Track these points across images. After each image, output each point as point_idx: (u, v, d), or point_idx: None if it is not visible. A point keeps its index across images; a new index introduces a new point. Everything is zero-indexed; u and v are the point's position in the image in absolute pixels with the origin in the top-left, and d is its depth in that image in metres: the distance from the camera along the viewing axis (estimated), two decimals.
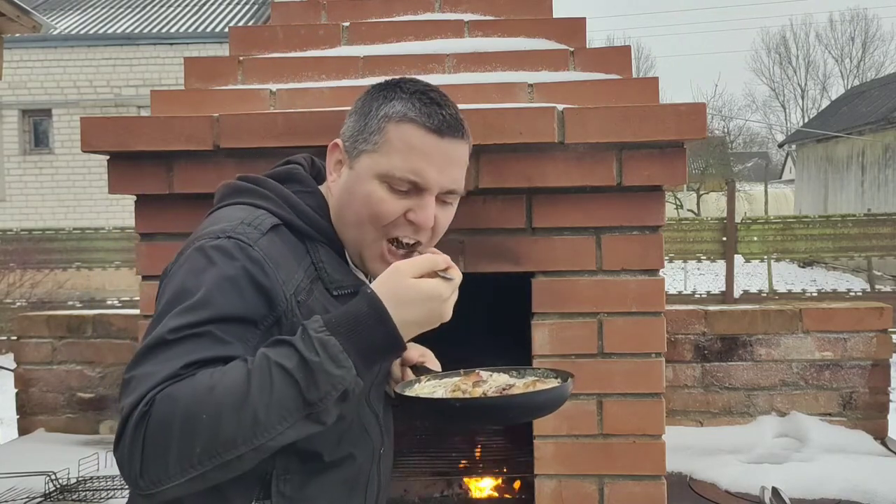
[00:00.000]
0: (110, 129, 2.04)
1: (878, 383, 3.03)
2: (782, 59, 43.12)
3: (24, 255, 10.66)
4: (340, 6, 2.57)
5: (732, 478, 2.58)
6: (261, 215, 1.23)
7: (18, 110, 15.44)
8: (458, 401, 1.22)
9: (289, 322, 1.17)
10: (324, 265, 1.25)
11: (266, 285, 1.15)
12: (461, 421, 1.29)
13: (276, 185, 1.29)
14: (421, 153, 1.23)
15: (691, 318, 3.05)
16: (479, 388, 1.26)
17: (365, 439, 1.32)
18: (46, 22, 6.65)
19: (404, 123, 1.23)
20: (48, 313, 3.55)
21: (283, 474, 1.23)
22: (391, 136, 1.23)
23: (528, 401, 1.21)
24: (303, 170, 1.35)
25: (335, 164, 1.30)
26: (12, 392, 3.42)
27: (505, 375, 1.34)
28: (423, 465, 2.69)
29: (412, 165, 1.22)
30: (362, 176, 1.25)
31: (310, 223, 1.26)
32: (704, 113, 1.99)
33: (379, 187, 1.24)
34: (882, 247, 11.63)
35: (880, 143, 18.13)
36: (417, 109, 1.23)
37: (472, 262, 2.09)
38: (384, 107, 1.25)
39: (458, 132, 1.26)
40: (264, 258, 1.16)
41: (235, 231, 1.18)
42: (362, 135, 1.26)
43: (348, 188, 1.27)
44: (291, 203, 1.27)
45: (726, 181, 15.00)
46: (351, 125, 1.29)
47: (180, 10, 16.80)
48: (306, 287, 1.21)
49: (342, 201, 1.28)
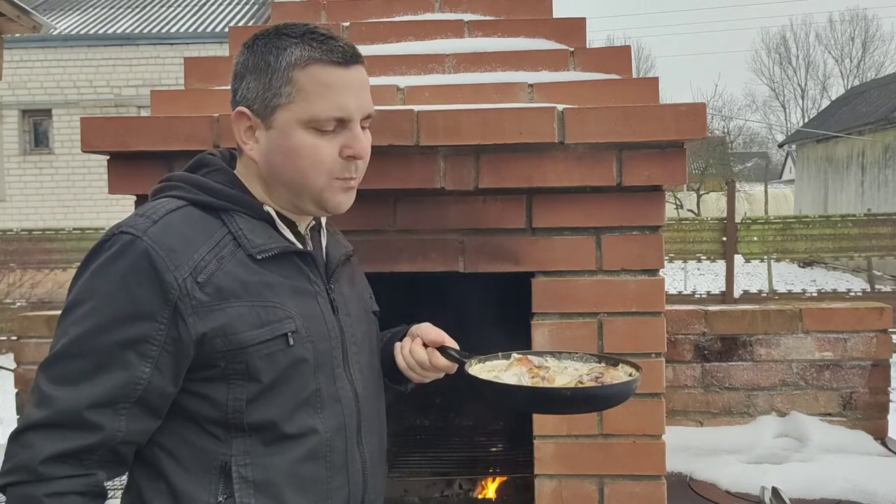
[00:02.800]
0: (110, 129, 2.04)
1: (878, 383, 3.03)
2: (782, 59, 43.12)
3: (24, 255, 10.65)
4: (340, 6, 2.57)
5: (732, 478, 2.58)
6: (158, 204, 1.24)
7: (18, 110, 15.43)
8: (568, 390, 1.26)
9: (187, 305, 1.16)
10: (242, 232, 1.24)
11: (154, 276, 1.16)
12: (561, 408, 1.36)
13: (182, 174, 1.31)
14: (336, 88, 1.23)
15: (691, 318, 3.05)
16: (560, 377, 1.31)
17: (332, 410, 1.28)
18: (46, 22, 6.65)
19: (311, 66, 1.23)
20: (48, 313, 3.54)
21: (242, 459, 1.21)
22: (302, 82, 1.22)
23: (626, 389, 1.28)
24: (215, 158, 1.34)
25: (246, 132, 1.27)
26: (12, 392, 3.42)
27: (551, 358, 1.39)
28: (423, 465, 2.69)
29: (333, 103, 1.23)
30: (286, 130, 1.24)
31: (218, 196, 1.26)
32: (704, 113, 1.99)
33: (307, 134, 1.23)
34: (882, 247, 11.62)
35: (880, 143, 18.13)
36: (317, 49, 1.23)
37: (472, 262, 2.09)
38: (283, 57, 1.23)
39: (358, 58, 1.27)
40: (151, 247, 1.16)
41: (127, 225, 1.20)
42: (269, 91, 1.24)
43: (274, 147, 1.25)
44: (198, 184, 1.27)
45: (726, 181, 14.99)
46: (251, 87, 1.25)
47: (180, 10, 16.79)
48: (211, 262, 1.19)
49: (272, 163, 1.26)
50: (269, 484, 1.22)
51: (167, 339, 1.16)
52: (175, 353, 1.17)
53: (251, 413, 1.20)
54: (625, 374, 1.32)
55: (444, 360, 1.38)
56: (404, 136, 1.98)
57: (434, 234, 2.11)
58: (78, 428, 1.14)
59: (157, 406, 1.19)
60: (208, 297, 1.17)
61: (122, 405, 1.16)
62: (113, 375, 1.15)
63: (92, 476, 1.16)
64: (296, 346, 1.23)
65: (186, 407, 1.22)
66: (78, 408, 1.13)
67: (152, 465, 1.23)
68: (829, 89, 41.56)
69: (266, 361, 1.20)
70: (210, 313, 1.18)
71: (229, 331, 1.18)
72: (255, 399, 1.21)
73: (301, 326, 1.24)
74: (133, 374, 1.15)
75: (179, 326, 1.16)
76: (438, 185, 2.04)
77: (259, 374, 1.20)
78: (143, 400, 1.17)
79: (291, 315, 1.24)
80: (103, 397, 1.14)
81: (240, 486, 1.20)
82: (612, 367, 1.35)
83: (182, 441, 1.22)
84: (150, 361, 1.16)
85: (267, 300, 1.22)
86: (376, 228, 2.10)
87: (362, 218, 1.52)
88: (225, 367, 1.19)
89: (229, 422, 1.21)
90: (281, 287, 1.25)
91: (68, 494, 1.14)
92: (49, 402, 1.14)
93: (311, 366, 1.25)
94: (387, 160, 1.96)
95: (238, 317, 1.19)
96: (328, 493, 1.27)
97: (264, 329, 1.20)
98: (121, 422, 1.16)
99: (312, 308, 1.28)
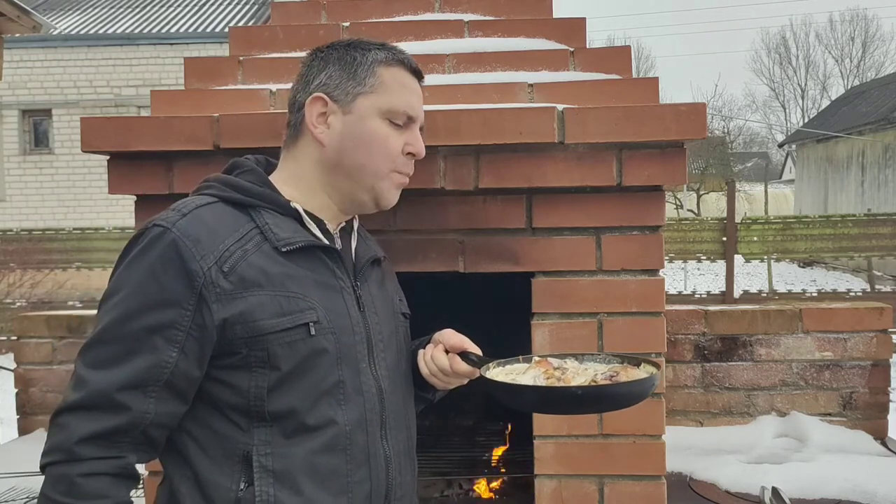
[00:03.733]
0: (110, 129, 2.04)
1: (878, 383, 3.03)
2: (782, 59, 43.12)
3: (24, 255, 10.65)
4: (340, 6, 2.57)
5: (732, 478, 2.58)
6: (191, 199, 1.32)
7: (18, 110, 15.43)
8: (580, 388, 1.26)
9: (212, 293, 1.22)
10: (269, 226, 1.29)
11: (181, 265, 1.22)
12: (573, 407, 1.34)
13: (217, 174, 1.39)
14: (410, 90, 1.39)
15: (691, 318, 3.05)
16: (578, 377, 1.31)
17: (354, 403, 1.30)
18: (46, 22, 6.66)
19: (393, 66, 1.38)
20: (48, 313, 3.55)
21: (263, 449, 1.24)
22: (385, 77, 1.36)
23: (638, 387, 1.26)
24: (248, 161, 1.42)
25: (318, 117, 1.36)
26: (12, 392, 3.43)
27: (572, 360, 1.39)
28: (423, 465, 2.68)
29: (407, 100, 1.38)
30: (364, 116, 1.35)
31: (247, 193, 1.32)
32: (704, 113, 1.99)
33: (382, 123, 1.35)
34: (882, 247, 11.62)
35: (880, 143, 18.13)
36: (397, 55, 1.39)
37: (472, 262, 2.09)
38: (368, 55, 1.37)
39: (423, 75, 1.44)
40: (180, 238, 1.23)
41: (159, 218, 1.28)
42: (354, 79, 1.35)
43: (349, 132, 1.35)
44: (229, 182, 1.35)
45: (726, 181, 14.99)
46: (334, 76, 1.36)
47: (180, 10, 16.79)
48: (236, 252, 1.25)
49: (343, 147, 1.35)
50: (288, 474, 1.24)
51: (193, 325, 1.21)
52: (200, 339, 1.22)
53: (272, 401, 1.24)
54: (645, 373, 1.31)
55: (466, 365, 1.39)
56: None
57: (434, 234, 2.11)
58: (109, 409, 1.19)
59: (184, 389, 1.24)
60: (232, 285, 1.23)
61: (150, 388, 1.21)
62: (142, 359, 1.20)
63: (122, 458, 1.22)
64: (317, 336, 1.26)
65: (211, 394, 1.26)
66: (109, 390, 1.19)
67: (180, 453, 1.28)
68: (829, 89, 41.60)
69: (286, 349, 1.24)
70: (232, 301, 1.22)
71: (249, 318, 1.22)
72: (276, 387, 1.24)
73: (323, 318, 1.27)
74: (161, 357, 1.21)
75: (204, 313, 1.21)
76: (438, 185, 2.04)
77: (279, 361, 1.24)
78: (171, 383, 1.22)
79: (314, 306, 1.27)
80: (133, 380, 1.20)
81: (260, 476, 1.23)
82: (633, 367, 1.34)
83: (207, 429, 1.26)
84: (176, 346, 1.21)
85: (289, 290, 1.26)
86: (376, 228, 2.09)
87: (362, 218, 1.53)
88: (247, 354, 1.23)
89: (251, 410, 1.24)
90: (305, 279, 1.28)
91: (100, 475, 1.19)
92: (83, 384, 1.20)
93: (332, 357, 1.28)
94: None
95: (259, 305, 1.23)
96: (348, 486, 1.29)
97: (285, 318, 1.24)
98: (150, 404, 1.21)
99: (337, 302, 1.31)
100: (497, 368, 1.36)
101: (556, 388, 1.28)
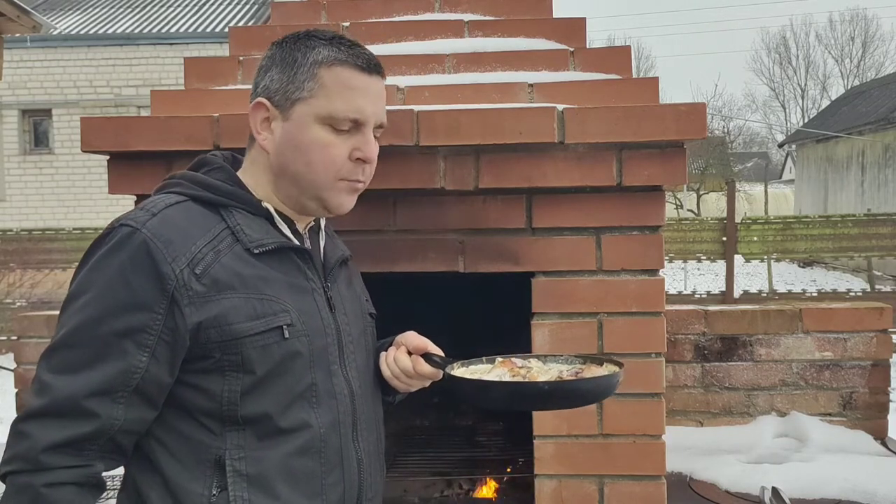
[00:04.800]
0: (110, 129, 2.04)
1: (878, 383, 3.03)
2: (782, 59, 43.10)
3: (24, 255, 10.65)
4: (340, 6, 2.57)
5: (732, 478, 2.58)
6: (159, 198, 1.27)
7: (18, 110, 15.42)
8: (547, 384, 1.27)
9: (184, 296, 1.18)
10: (240, 227, 1.26)
11: (152, 267, 1.18)
12: (540, 403, 1.36)
13: (184, 172, 1.33)
14: (356, 91, 1.27)
15: (691, 318, 3.05)
16: (542, 375, 1.32)
17: (327, 406, 1.28)
18: (46, 22, 6.66)
19: (336, 66, 1.27)
20: (48, 313, 3.54)
21: (236, 453, 1.22)
22: (325, 79, 1.26)
23: (605, 383, 1.28)
24: (216, 157, 1.37)
25: (262, 123, 1.30)
26: (12, 392, 3.42)
27: (536, 360, 1.40)
28: (423, 465, 2.69)
29: (352, 104, 1.27)
30: (302, 124, 1.27)
31: (217, 192, 1.28)
32: (704, 113, 1.99)
33: (322, 131, 1.27)
34: (882, 247, 11.62)
35: (880, 143, 18.13)
36: (344, 52, 1.28)
37: (472, 262, 2.09)
38: (310, 54, 1.27)
39: (380, 69, 1.32)
40: (151, 238, 1.18)
41: (126, 218, 1.23)
42: (292, 84, 1.27)
43: (288, 140, 1.28)
44: (198, 181, 1.30)
45: (726, 181, 14.98)
46: (275, 79, 1.29)
47: (180, 10, 16.79)
48: (208, 254, 1.21)
49: (283, 155, 1.29)
50: (262, 477, 1.22)
51: (164, 328, 1.18)
52: (171, 343, 1.19)
53: (246, 405, 1.21)
54: (608, 371, 1.33)
55: (429, 366, 1.37)
56: (404, 136, 1.98)
57: (434, 234, 2.11)
58: (76, 416, 1.15)
59: (154, 395, 1.20)
60: (205, 287, 1.19)
61: (119, 393, 1.17)
62: (110, 364, 1.16)
63: (89, 467, 1.18)
64: (291, 339, 1.24)
65: (182, 399, 1.23)
66: (76, 396, 1.15)
67: (148, 459, 1.24)
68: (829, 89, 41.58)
69: (260, 353, 1.21)
70: (206, 304, 1.19)
71: (223, 321, 1.19)
72: (250, 391, 1.22)
73: (297, 320, 1.25)
74: (130, 362, 1.17)
75: (176, 316, 1.18)
76: (438, 185, 2.04)
77: (253, 365, 1.21)
78: (140, 389, 1.18)
79: (287, 308, 1.25)
80: (101, 385, 1.16)
81: (233, 480, 1.21)
82: (596, 366, 1.36)
83: (177, 434, 1.23)
84: (147, 351, 1.17)
85: (263, 293, 1.23)
86: (376, 228, 2.10)
87: (362, 218, 1.52)
88: (220, 358, 1.20)
89: (224, 414, 1.22)
90: (277, 281, 1.26)
91: (66, 485, 1.15)
92: (48, 390, 1.16)
93: (306, 360, 1.26)
94: (387, 160, 1.95)
95: (233, 308, 1.20)
96: (322, 489, 1.27)
97: (259, 321, 1.22)
98: (119, 410, 1.17)
99: (309, 304, 1.29)
100: (461, 369, 1.36)
101: (524, 384, 1.29)
